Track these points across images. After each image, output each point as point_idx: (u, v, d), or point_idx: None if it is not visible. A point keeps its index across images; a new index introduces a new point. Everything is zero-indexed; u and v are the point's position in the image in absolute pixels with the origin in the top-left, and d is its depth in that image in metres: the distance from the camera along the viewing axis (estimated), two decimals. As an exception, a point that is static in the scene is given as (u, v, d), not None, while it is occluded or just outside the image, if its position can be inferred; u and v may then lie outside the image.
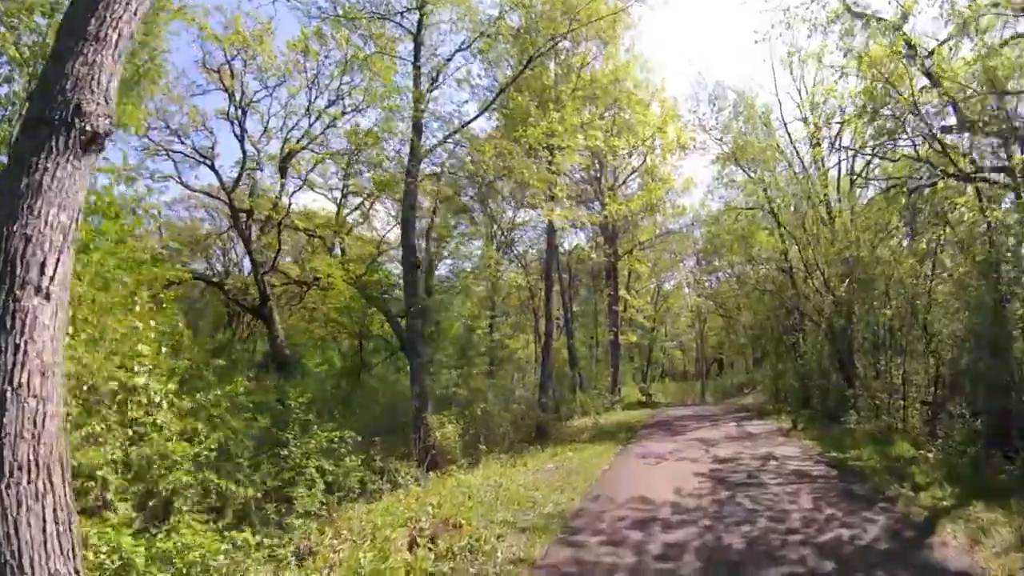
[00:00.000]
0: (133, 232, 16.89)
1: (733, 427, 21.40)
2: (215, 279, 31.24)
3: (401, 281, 23.82)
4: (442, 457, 17.05)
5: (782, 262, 28.52)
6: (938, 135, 18.83)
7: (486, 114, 27.64)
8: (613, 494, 11.65)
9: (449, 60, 20.00)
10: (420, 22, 18.93)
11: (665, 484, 12.12)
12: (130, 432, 9.01)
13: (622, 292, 35.53)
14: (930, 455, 14.87)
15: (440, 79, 20.03)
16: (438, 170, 22.65)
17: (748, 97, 30.37)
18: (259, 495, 10.72)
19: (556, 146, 20.00)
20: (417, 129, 18.61)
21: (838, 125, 23.45)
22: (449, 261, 40.75)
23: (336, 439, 13.57)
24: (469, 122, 19.75)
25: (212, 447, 9.93)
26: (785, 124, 29.28)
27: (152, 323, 10.51)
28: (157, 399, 9.63)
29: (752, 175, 30.42)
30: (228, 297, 29.34)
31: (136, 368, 9.48)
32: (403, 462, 15.56)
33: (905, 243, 23.22)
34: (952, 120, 18.68)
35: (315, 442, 13.46)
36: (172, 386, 10.07)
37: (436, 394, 19.91)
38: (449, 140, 20.09)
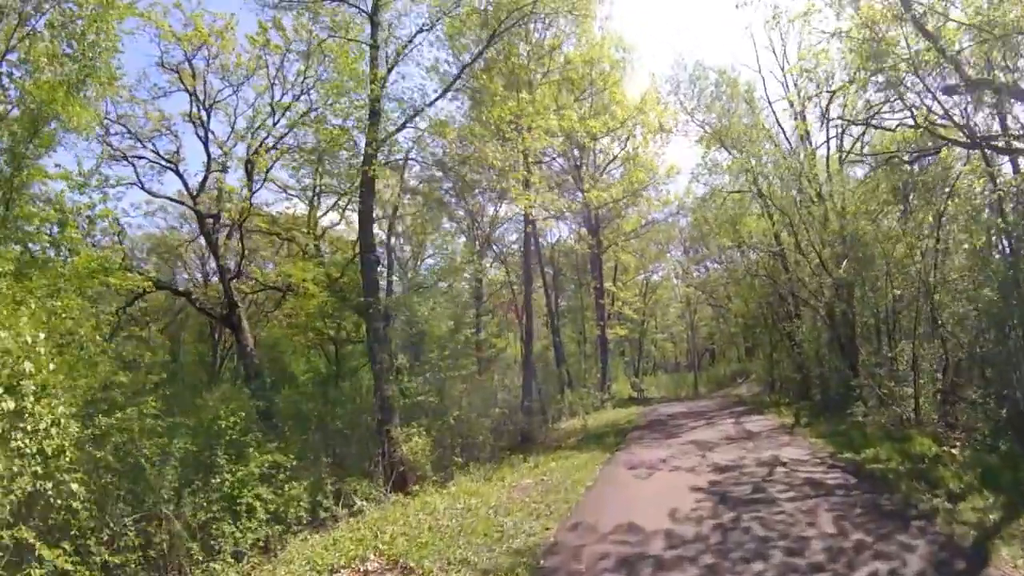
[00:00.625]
0: (83, 241, 15.49)
1: (731, 425, 19.41)
2: (179, 288, 29.09)
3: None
4: (411, 473, 15.14)
5: (773, 246, 26.50)
6: (939, 97, 16.90)
7: (457, 103, 25.87)
8: (596, 520, 9.62)
9: (410, 42, 17.97)
10: (376, 2, 17.15)
11: (658, 504, 10.08)
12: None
13: (608, 285, 33.42)
14: (955, 451, 13.03)
15: (400, 60, 18.03)
16: (401, 160, 20.62)
17: (729, 76, 28.46)
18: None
19: (527, 127, 18.01)
20: (374, 114, 16.67)
21: (828, 94, 21.44)
22: (431, 260, 39.15)
23: (274, 464, 11.82)
24: (430, 104, 17.74)
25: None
26: (770, 102, 27.37)
27: (42, 336, 8.43)
28: (44, 425, 7.92)
29: (738, 156, 28.44)
30: (195, 306, 27.22)
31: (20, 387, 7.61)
32: (365, 482, 13.67)
33: (898, 219, 21.22)
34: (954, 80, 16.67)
35: (253, 466, 11.62)
36: (64, 408, 8.50)
37: (409, 402, 17.90)
38: (409, 125, 17.99)
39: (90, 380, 10.96)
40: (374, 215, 18.93)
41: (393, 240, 30.54)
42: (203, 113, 22.16)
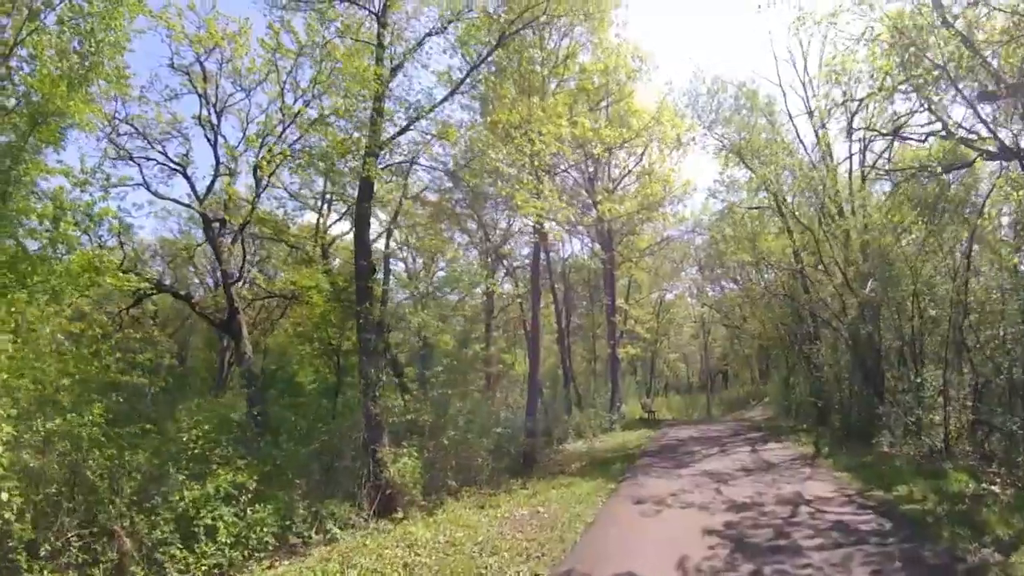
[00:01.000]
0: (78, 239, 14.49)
1: (747, 453, 17.89)
2: (181, 292, 27.99)
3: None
4: (399, 497, 13.78)
5: (792, 264, 25.04)
6: (974, 106, 15.61)
7: (468, 113, 24.77)
8: (592, 568, 8.25)
9: (419, 45, 16.87)
10: (385, 3, 16.27)
11: (666, 551, 8.69)
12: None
13: (620, 302, 31.96)
14: (995, 488, 11.64)
15: (407, 61, 16.97)
16: (405, 164, 19.42)
17: (748, 90, 27.19)
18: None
19: (537, 131, 16.79)
20: (376, 114, 15.53)
21: (855, 103, 20.06)
22: (442, 273, 38.04)
23: (236, 484, 10.62)
24: (436, 106, 16.49)
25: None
26: (791, 116, 26.09)
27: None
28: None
29: (755, 172, 27.11)
30: (195, 311, 26.24)
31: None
32: (346, 505, 12.40)
33: (925, 236, 19.79)
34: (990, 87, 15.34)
35: (210, 486, 10.42)
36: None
37: (402, 420, 16.59)
38: (414, 128, 16.81)
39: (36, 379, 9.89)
40: (372, 220, 17.68)
41: (393, 245, 29.36)
42: (213, 116, 21.53)
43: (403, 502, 13.70)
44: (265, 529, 10.43)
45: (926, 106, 17.91)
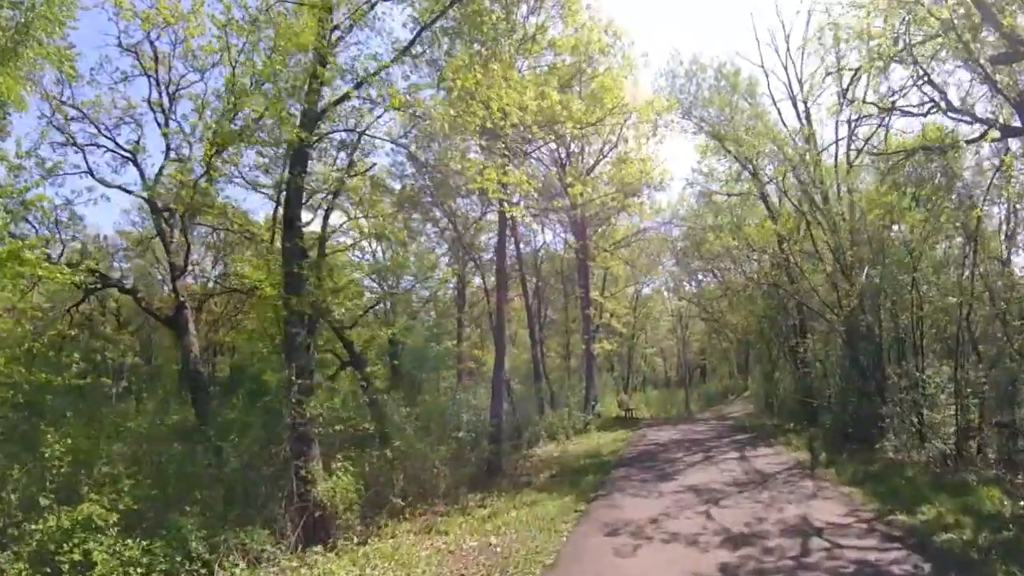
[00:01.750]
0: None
1: (735, 461, 15.47)
2: (127, 286, 25.36)
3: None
4: (330, 521, 11.39)
5: (777, 253, 22.74)
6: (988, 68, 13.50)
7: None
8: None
9: (371, 7, 14.38)
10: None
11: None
12: None
13: (595, 295, 29.48)
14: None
15: (356, 27, 14.52)
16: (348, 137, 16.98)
17: (729, 71, 24.98)
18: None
19: (496, 95, 14.37)
20: (314, 77, 13.05)
21: (850, 73, 17.81)
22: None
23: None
24: (381, 69, 13.92)
25: None
26: (774, 99, 23.83)
27: None
28: None
29: (736, 156, 24.89)
30: (141, 307, 23.71)
31: None
32: (263, 534, 9.92)
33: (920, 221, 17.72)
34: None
35: (64, 518, 8.02)
36: None
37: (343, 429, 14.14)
38: (358, 96, 14.25)
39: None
40: (303, 199, 15.14)
41: (357, 236, 26.79)
42: (165, 100, 19.60)
43: (334, 527, 11.31)
44: (136, 570, 7.97)
45: (924, 80, 15.87)
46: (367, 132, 15.85)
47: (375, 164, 21.14)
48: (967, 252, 15.62)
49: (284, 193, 14.78)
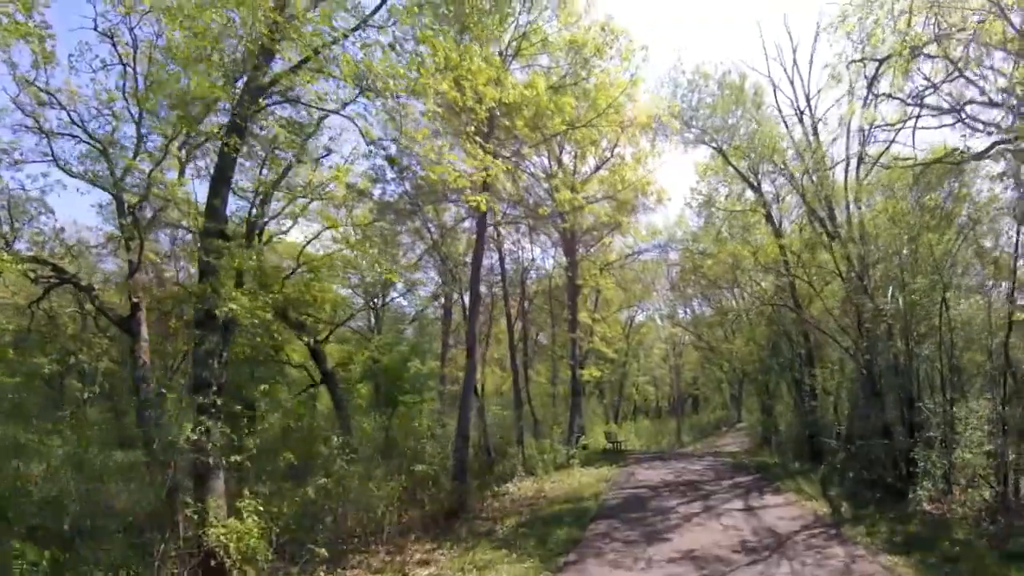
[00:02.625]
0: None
1: (741, 513, 12.38)
2: (83, 283, 22.63)
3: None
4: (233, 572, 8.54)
5: (783, 275, 19.95)
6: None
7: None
8: None
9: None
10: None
11: None
12: None
13: (583, 316, 26.51)
14: None
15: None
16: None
17: (732, 83, 22.39)
18: None
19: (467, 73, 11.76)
20: (264, 52, 10.45)
21: (875, 64, 15.13)
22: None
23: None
24: (336, 40, 11.19)
25: None
26: (781, 112, 21.09)
27: None
28: None
29: (741, 172, 22.27)
30: (95, 306, 21.06)
31: None
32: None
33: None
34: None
35: None
36: None
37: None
38: (309, 68, 11.51)
39: None
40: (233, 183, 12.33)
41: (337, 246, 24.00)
42: (141, 89, 17.32)
43: (234, 580, 8.51)
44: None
45: (955, 74, 13.44)
46: (321, 107, 12.98)
47: (348, 156, 18.29)
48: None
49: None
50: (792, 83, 20.56)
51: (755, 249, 20.74)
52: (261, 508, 9.28)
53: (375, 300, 31.95)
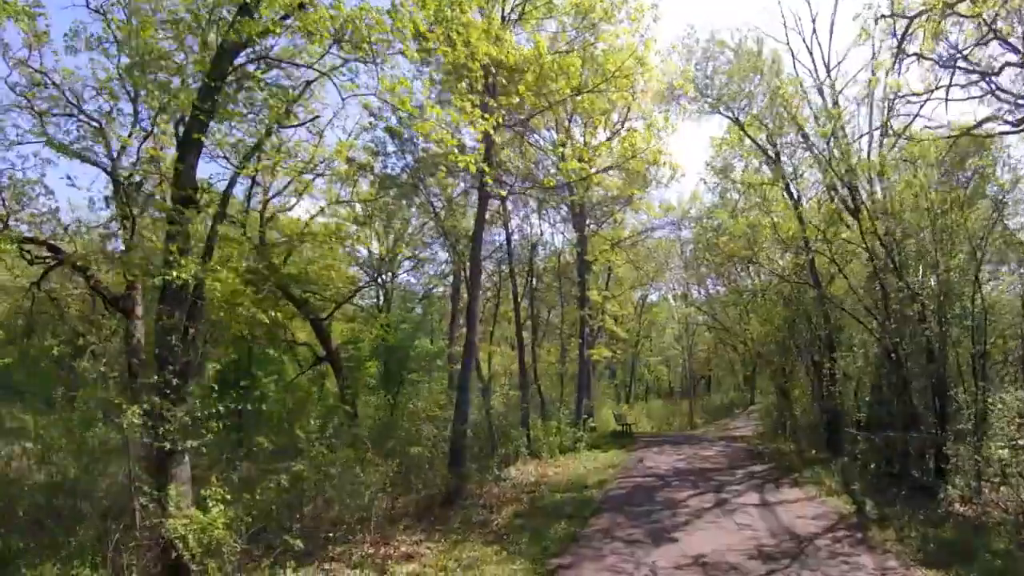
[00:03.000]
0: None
1: (756, 511, 11.21)
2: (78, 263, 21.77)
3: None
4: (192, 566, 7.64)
5: (803, 250, 18.70)
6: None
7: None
8: None
9: None
10: None
11: None
12: None
13: (593, 294, 25.24)
14: None
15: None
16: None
17: (750, 51, 21.01)
18: None
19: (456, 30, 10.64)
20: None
21: (905, 22, 13.76)
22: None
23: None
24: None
25: None
26: (801, 83, 19.70)
27: None
28: None
29: (758, 143, 20.94)
30: (90, 286, 20.22)
31: None
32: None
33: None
34: None
35: None
36: None
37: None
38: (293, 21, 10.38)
39: None
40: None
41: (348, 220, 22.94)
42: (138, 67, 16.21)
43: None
44: None
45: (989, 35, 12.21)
46: (305, 65, 11.83)
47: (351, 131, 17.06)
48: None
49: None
50: (811, 53, 19.28)
51: (774, 222, 19.42)
52: (229, 497, 8.32)
53: (383, 277, 30.84)
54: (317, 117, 16.44)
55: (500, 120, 15.77)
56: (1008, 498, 10.25)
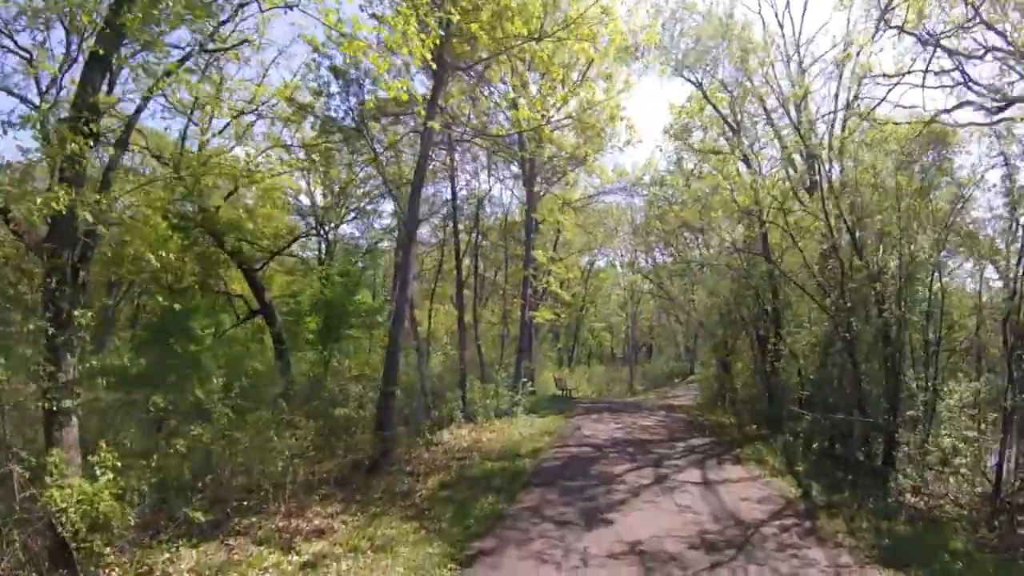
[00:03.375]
0: None
1: (698, 490, 10.39)
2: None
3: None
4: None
5: (756, 223, 17.96)
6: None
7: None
8: None
9: None
10: None
11: None
12: None
13: (539, 254, 24.08)
14: None
15: None
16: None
17: (719, 16, 20.03)
18: None
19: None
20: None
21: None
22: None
23: None
24: None
25: None
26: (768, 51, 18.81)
27: None
28: None
29: (720, 110, 20.05)
30: (11, 230, 17.89)
31: None
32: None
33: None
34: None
35: None
36: None
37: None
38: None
39: None
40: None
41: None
42: None
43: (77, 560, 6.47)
44: None
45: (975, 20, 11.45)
46: None
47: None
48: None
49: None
50: (782, 27, 18.39)
51: (730, 191, 18.59)
52: (120, 464, 7.14)
53: (324, 229, 29.16)
54: (246, 42, 14.80)
55: (447, 52, 14.48)
56: (959, 491, 9.69)
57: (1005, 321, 10.96)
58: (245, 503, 8.80)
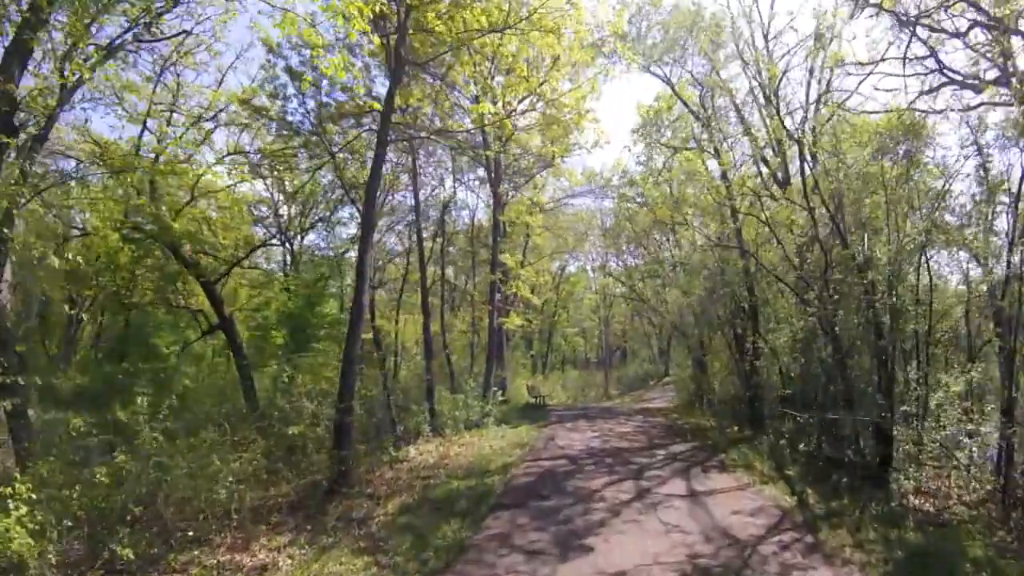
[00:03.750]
0: None
1: (684, 504, 9.31)
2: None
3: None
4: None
5: (728, 221, 17.19)
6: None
7: None
8: None
9: None
10: None
11: None
12: None
13: (506, 258, 22.96)
14: None
15: None
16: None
17: (687, 8, 19.44)
18: None
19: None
20: None
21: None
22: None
23: None
24: None
25: None
26: (739, 50, 18.15)
27: None
28: None
29: (690, 106, 19.36)
30: None
31: None
32: None
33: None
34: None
35: None
36: None
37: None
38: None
39: None
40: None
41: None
42: None
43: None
44: None
45: None
46: None
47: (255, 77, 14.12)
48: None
49: None
50: (750, 22, 17.76)
51: (704, 186, 17.83)
52: (40, 497, 6.13)
53: (288, 238, 27.87)
54: (187, 32, 13.57)
55: (404, 47, 13.50)
56: (966, 488, 8.81)
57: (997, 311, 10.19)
58: (188, 533, 7.83)
